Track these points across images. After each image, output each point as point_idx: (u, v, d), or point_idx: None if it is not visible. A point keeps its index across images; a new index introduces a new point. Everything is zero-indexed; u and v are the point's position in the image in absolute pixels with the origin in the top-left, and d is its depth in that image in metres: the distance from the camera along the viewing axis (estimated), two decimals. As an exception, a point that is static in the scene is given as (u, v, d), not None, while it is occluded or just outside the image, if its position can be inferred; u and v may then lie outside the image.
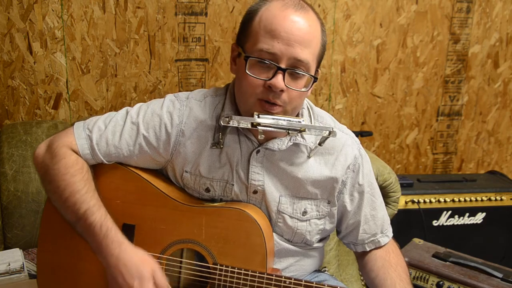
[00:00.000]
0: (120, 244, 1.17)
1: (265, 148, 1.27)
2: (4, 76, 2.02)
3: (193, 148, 1.28)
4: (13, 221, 1.77)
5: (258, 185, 1.28)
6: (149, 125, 1.27)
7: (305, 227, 1.34)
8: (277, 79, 1.15)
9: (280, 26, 1.14)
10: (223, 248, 1.23)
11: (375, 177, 1.88)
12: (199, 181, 1.30)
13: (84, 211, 1.19)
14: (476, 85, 2.71)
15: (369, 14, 2.43)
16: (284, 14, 1.15)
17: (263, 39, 1.15)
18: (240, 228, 1.22)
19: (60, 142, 1.26)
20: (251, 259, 1.21)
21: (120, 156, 1.29)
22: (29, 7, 1.98)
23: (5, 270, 1.58)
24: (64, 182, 1.21)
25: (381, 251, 1.40)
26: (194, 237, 1.24)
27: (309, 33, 1.17)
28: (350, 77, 2.49)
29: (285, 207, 1.31)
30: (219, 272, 1.22)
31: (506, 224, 2.32)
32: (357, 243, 1.41)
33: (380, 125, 2.62)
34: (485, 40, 2.64)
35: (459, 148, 2.80)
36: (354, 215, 1.37)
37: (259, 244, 1.21)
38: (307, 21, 1.17)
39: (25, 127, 1.88)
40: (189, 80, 2.25)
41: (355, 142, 1.37)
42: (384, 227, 1.41)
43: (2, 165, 1.78)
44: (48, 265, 1.35)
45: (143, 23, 2.13)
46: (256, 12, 1.19)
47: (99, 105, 2.16)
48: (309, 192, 1.32)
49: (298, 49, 1.15)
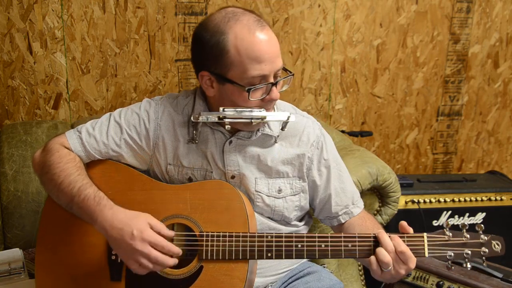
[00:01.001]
0: (112, 207, 1.27)
1: (237, 138, 1.40)
2: (4, 76, 2.02)
3: (171, 141, 1.42)
4: (13, 221, 1.77)
5: (234, 170, 1.41)
6: (130, 122, 1.42)
7: (282, 204, 1.44)
8: (274, 93, 1.32)
9: (261, 50, 1.28)
10: (207, 217, 1.32)
11: (375, 177, 1.90)
12: (181, 171, 1.42)
13: (78, 188, 1.30)
14: (476, 85, 2.71)
15: (369, 14, 2.43)
16: (258, 39, 1.28)
17: (251, 66, 1.28)
18: (220, 195, 1.34)
19: (54, 141, 1.41)
20: (234, 223, 1.31)
21: (110, 152, 1.41)
22: (29, 7, 1.98)
23: (5, 270, 1.58)
24: (59, 169, 1.33)
25: (356, 218, 1.49)
26: (181, 212, 1.34)
27: (277, 42, 1.33)
28: (350, 77, 2.49)
29: (261, 187, 1.42)
30: (206, 239, 1.30)
31: (506, 224, 2.32)
32: (332, 216, 1.50)
33: (380, 125, 2.62)
34: (485, 40, 2.64)
35: (459, 148, 2.80)
36: (325, 189, 1.48)
37: (239, 208, 1.32)
38: (271, 34, 1.32)
39: (25, 127, 1.88)
40: (189, 80, 2.25)
41: (316, 124, 1.51)
42: (355, 198, 1.50)
43: (2, 165, 1.78)
44: (46, 265, 1.38)
45: (143, 23, 2.13)
46: (226, 42, 1.28)
47: (99, 105, 2.16)
48: (280, 171, 1.44)
49: (278, 61, 1.31)
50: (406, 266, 1.23)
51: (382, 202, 1.98)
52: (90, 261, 1.35)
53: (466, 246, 1.24)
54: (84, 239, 1.36)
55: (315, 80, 2.44)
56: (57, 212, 1.37)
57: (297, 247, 1.28)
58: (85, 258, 1.35)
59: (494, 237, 1.27)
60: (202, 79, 1.36)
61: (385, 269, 1.22)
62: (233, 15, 1.30)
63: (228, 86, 1.32)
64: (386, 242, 1.23)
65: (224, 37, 1.28)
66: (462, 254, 1.24)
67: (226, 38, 1.28)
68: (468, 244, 1.25)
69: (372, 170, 1.89)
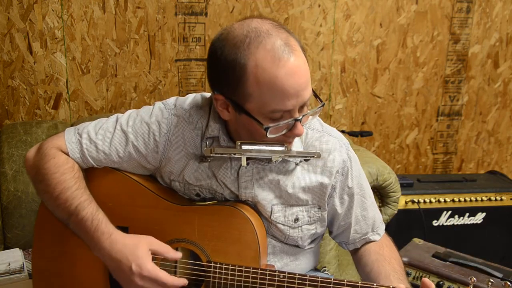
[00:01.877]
0: (110, 235, 1.17)
1: (254, 162, 1.27)
2: (4, 76, 2.02)
3: (180, 158, 1.29)
4: (13, 221, 1.77)
5: (249, 197, 1.29)
6: (138, 133, 1.28)
7: (297, 233, 1.35)
8: (298, 129, 1.16)
9: (286, 84, 1.09)
10: (216, 245, 1.23)
11: (375, 177, 1.90)
12: (188, 187, 1.31)
13: (75, 207, 1.19)
14: (476, 85, 2.71)
15: (369, 14, 2.43)
16: (282, 72, 1.09)
17: (272, 101, 1.11)
18: (232, 225, 1.23)
19: (50, 143, 1.27)
20: (244, 255, 1.22)
21: (110, 162, 1.29)
22: (29, 7, 1.98)
23: (5, 270, 1.58)
24: (55, 180, 1.22)
25: (374, 245, 1.40)
26: (187, 236, 1.25)
27: (307, 71, 1.15)
28: (350, 77, 2.49)
29: (277, 216, 1.31)
30: (213, 269, 1.22)
31: (506, 224, 2.32)
32: (349, 243, 1.41)
33: (380, 125, 2.62)
34: (485, 40, 2.64)
35: (459, 148, 2.80)
36: (345, 217, 1.37)
37: (252, 240, 1.22)
38: (301, 60, 1.13)
39: (25, 127, 1.88)
40: (189, 80, 2.25)
41: (343, 146, 1.35)
42: (375, 225, 1.41)
43: (2, 165, 1.78)
44: (43, 270, 1.34)
45: (143, 23, 2.13)
46: (245, 69, 1.10)
47: (99, 105, 2.16)
48: (299, 199, 1.32)
49: (305, 93, 1.13)
50: None
51: (382, 202, 1.98)
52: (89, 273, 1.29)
53: None
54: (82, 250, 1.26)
55: (315, 80, 2.44)
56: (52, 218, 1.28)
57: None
58: (83, 269, 1.29)
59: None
60: (216, 102, 1.21)
61: None
62: (256, 35, 1.10)
63: (244, 117, 1.17)
64: None
65: (244, 62, 1.09)
66: None
67: (245, 64, 1.09)
68: None
69: (372, 170, 1.89)
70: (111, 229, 1.19)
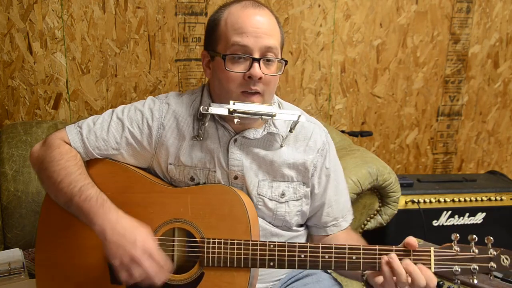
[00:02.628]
0: (117, 210, 1.24)
1: (242, 136, 1.37)
2: (4, 76, 2.02)
3: (174, 140, 1.39)
4: (13, 221, 1.77)
5: (238, 171, 1.38)
6: (133, 120, 1.39)
7: (284, 209, 1.42)
8: (255, 69, 1.28)
9: (246, 22, 1.29)
10: (209, 222, 1.29)
11: (375, 177, 1.90)
12: (183, 171, 1.39)
13: (80, 188, 1.27)
14: (476, 85, 2.71)
15: (369, 14, 2.43)
16: (246, 13, 1.30)
17: (233, 36, 1.29)
18: (222, 201, 1.30)
19: (54, 136, 1.38)
20: (235, 229, 1.28)
21: (109, 150, 1.38)
22: (29, 7, 1.98)
23: (5, 270, 1.58)
24: (59, 166, 1.30)
25: (342, 232, 1.49)
26: (181, 216, 1.31)
27: (271, 24, 1.32)
28: (350, 77, 2.49)
29: (264, 191, 1.40)
30: (207, 245, 1.28)
31: (506, 224, 2.32)
32: (320, 226, 1.48)
33: (380, 125, 2.62)
34: (485, 40, 2.64)
35: (459, 148, 2.80)
36: (320, 197, 1.46)
37: (242, 214, 1.29)
38: (267, 15, 1.33)
39: (25, 127, 1.88)
40: (189, 80, 2.25)
41: (323, 131, 1.49)
42: (344, 212, 1.50)
43: (2, 165, 1.78)
44: (46, 265, 1.37)
45: (143, 23, 2.13)
46: (220, 19, 1.33)
47: (99, 105, 2.16)
48: (285, 175, 1.41)
49: (266, 39, 1.29)
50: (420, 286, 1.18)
51: (382, 202, 1.98)
52: (90, 264, 1.33)
53: (474, 261, 1.21)
54: (83, 241, 1.34)
55: (315, 80, 2.44)
56: (56, 213, 1.35)
57: (300, 257, 1.25)
58: (84, 260, 1.34)
59: (504, 251, 1.22)
60: (203, 61, 1.39)
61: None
62: (237, 1, 1.34)
63: (216, 61, 1.33)
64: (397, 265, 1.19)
65: (220, 14, 1.33)
66: (469, 269, 1.21)
67: (221, 15, 1.33)
68: (476, 259, 1.21)
69: (372, 170, 1.89)
70: (116, 208, 1.25)
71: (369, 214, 1.98)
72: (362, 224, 1.98)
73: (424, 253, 1.22)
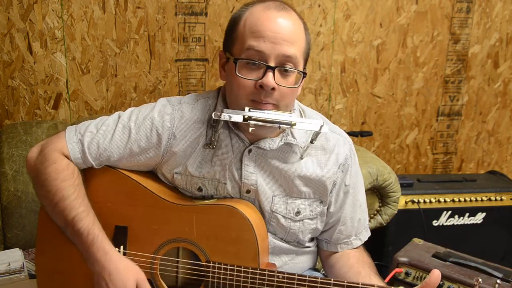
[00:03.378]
0: (105, 253, 1.18)
1: (257, 147, 1.28)
2: (4, 76, 2.02)
3: (184, 149, 1.29)
4: (13, 221, 1.77)
5: (251, 184, 1.29)
6: (140, 129, 1.29)
7: (298, 227, 1.35)
8: (268, 78, 1.16)
9: (265, 26, 1.17)
10: (215, 245, 1.23)
11: (375, 177, 1.90)
12: (190, 181, 1.31)
13: (72, 218, 1.20)
14: (476, 85, 2.71)
15: (369, 14, 2.43)
16: (267, 15, 1.18)
17: (249, 39, 1.18)
18: (230, 224, 1.23)
19: (52, 146, 1.28)
20: (243, 255, 1.22)
21: (111, 159, 1.30)
22: (29, 7, 1.98)
23: (5, 270, 1.58)
24: (55, 188, 1.22)
25: (355, 251, 1.41)
26: (186, 236, 1.25)
27: (293, 30, 1.20)
28: (350, 77, 2.49)
29: (278, 207, 1.32)
30: (212, 269, 1.22)
31: (506, 224, 2.32)
32: (330, 242, 1.41)
33: (380, 125, 2.62)
34: (485, 40, 2.64)
35: (459, 148, 2.80)
36: (335, 214, 1.38)
37: (250, 240, 1.21)
38: (291, 19, 1.20)
39: (25, 127, 1.88)
40: (189, 80, 2.25)
41: (347, 143, 1.39)
42: (359, 230, 1.41)
43: (2, 165, 1.78)
44: (46, 267, 1.35)
45: (143, 23, 2.13)
46: (240, 18, 1.22)
47: (99, 105, 2.16)
48: (302, 191, 1.32)
49: (285, 46, 1.17)
50: None
51: (382, 202, 1.98)
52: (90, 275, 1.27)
53: None
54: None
55: (315, 80, 2.44)
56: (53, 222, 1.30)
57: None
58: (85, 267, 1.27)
59: None
60: (219, 62, 1.30)
61: None
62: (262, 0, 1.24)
63: (230, 64, 1.22)
64: None
65: (242, 13, 1.23)
66: None
67: (243, 14, 1.22)
68: None
69: (372, 170, 1.89)
70: (106, 246, 1.19)
71: (369, 214, 1.98)
72: (362, 224, 1.98)
73: None
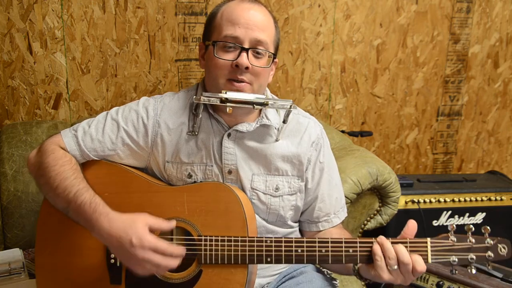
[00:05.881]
0: (107, 214, 1.23)
1: (235, 130, 1.38)
2: (4, 76, 2.02)
3: (170, 137, 1.40)
4: (13, 221, 1.77)
5: (231, 165, 1.39)
6: (128, 119, 1.40)
7: (278, 203, 1.42)
8: (242, 58, 1.30)
9: (239, 14, 1.33)
10: (205, 220, 1.30)
11: (375, 177, 1.90)
12: (180, 167, 1.40)
13: (74, 194, 1.26)
14: (476, 85, 2.71)
15: (369, 14, 2.43)
16: (241, 6, 1.34)
17: (225, 27, 1.32)
18: (218, 198, 1.31)
19: (49, 141, 1.38)
20: (232, 226, 1.29)
21: (105, 151, 1.39)
22: (29, 7, 1.98)
23: (5, 270, 1.58)
24: (54, 172, 1.30)
25: (336, 228, 1.49)
26: (178, 215, 1.31)
27: (264, 19, 1.35)
28: (350, 77, 2.49)
29: (258, 184, 1.40)
30: (204, 243, 1.28)
31: (506, 224, 2.32)
32: (312, 221, 1.49)
33: (380, 125, 2.62)
34: (485, 40, 2.64)
35: (459, 148, 2.80)
36: (313, 192, 1.46)
37: (238, 211, 1.29)
38: (262, 11, 1.36)
39: (25, 127, 1.88)
40: (189, 80, 2.25)
41: (318, 125, 1.50)
42: (337, 208, 1.50)
43: (2, 165, 1.78)
44: (46, 267, 1.37)
45: (143, 23, 2.13)
46: (218, 12, 1.37)
47: (99, 105, 2.16)
48: (279, 168, 1.42)
49: (256, 32, 1.32)
50: (411, 274, 1.19)
51: (382, 202, 1.98)
52: (89, 264, 1.34)
53: (471, 251, 1.21)
54: (82, 242, 1.34)
55: (315, 80, 2.44)
56: (54, 215, 1.34)
57: (297, 252, 1.25)
58: (84, 261, 1.34)
59: (501, 240, 1.22)
60: (199, 52, 1.43)
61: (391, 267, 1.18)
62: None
63: (208, 51, 1.36)
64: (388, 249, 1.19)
65: (218, 8, 1.38)
66: (466, 259, 1.21)
67: (219, 9, 1.37)
68: (473, 249, 1.21)
69: (372, 170, 1.89)
70: (108, 209, 1.25)
71: (369, 214, 1.98)
72: (362, 224, 1.98)
73: (421, 244, 1.22)
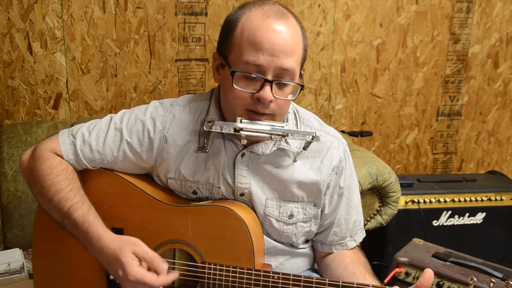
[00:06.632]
0: (98, 240, 1.17)
1: (250, 151, 1.27)
2: (4, 76, 2.02)
3: (176, 153, 1.29)
4: (13, 221, 1.77)
5: (244, 188, 1.29)
6: (132, 131, 1.28)
7: (291, 230, 1.34)
8: (265, 91, 1.15)
9: (264, 37, 1.14)
10: (210, 246, 1.23)
11: (375, 177, 1.90)
12: (184, 185, 1.31)
13: (68, 209, 1.20)
14: (476, 85, 2.71)
15: (369, 14, 2.43)
16: (266, 25, 1.15)
17: (247, 51, 1.15)
18: (225, 225, 1.23)
19: (44, 147, 1.28)
20: (238, 256, 1.22)
21: (104, 162, 1.29)
22: (29, 7, 1.98)
23: (5, 270, 1.58)
24: (49, 182, 1.22)
25: (350, 251, 1.41)
26: (181, 237, 1.25)
27: (292, 41, 1.17)
28: (350, 77, 2.49)
29: (271, 210, 1.31)
30: (208, 270, 1.22)
31: (506, 224, 2.32)
32: (325, 243, 1.41)
33: (380, 125, 2.62)
34: (485, 40, 2.64)
35: (459, 148, 2.80)
36: (329, 216, 1.38)
37: (245, 241, 1.21)
38: (289, 29, 1.17)
39: (25, 127, 1.88)
40: (189, 80, 2.25)
41: (341, 144, 1.37)
42: (354, 231, 1.41)
43: (2, 165, 1.79)
44: (44, 270, 1.35)
45: (143, 23, 2.13)
46: (237, 22, 1.18)
47: (99, 105, 2.16)
48: (295, 195, 1.32)
49: (283, 59, 1.15)
50: None
51: (382, 202, 1.98)
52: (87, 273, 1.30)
53: None
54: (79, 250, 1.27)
55: (315, 80, 2.44)
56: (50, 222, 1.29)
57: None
58: (81, 269, 1.30)
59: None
60: (213, 63, 1.27)
61: None
62: (260, 2, 1.20)
63: (225, 71, 1.20)
64: None
65: (238, 17, 1.18)
66: None
67: (240, 18, 1.18)
68: None
69: (372, 170, 1.89)
70: (101, 232, 1.19)
71: (369, 214, 1.98)
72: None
73: None
